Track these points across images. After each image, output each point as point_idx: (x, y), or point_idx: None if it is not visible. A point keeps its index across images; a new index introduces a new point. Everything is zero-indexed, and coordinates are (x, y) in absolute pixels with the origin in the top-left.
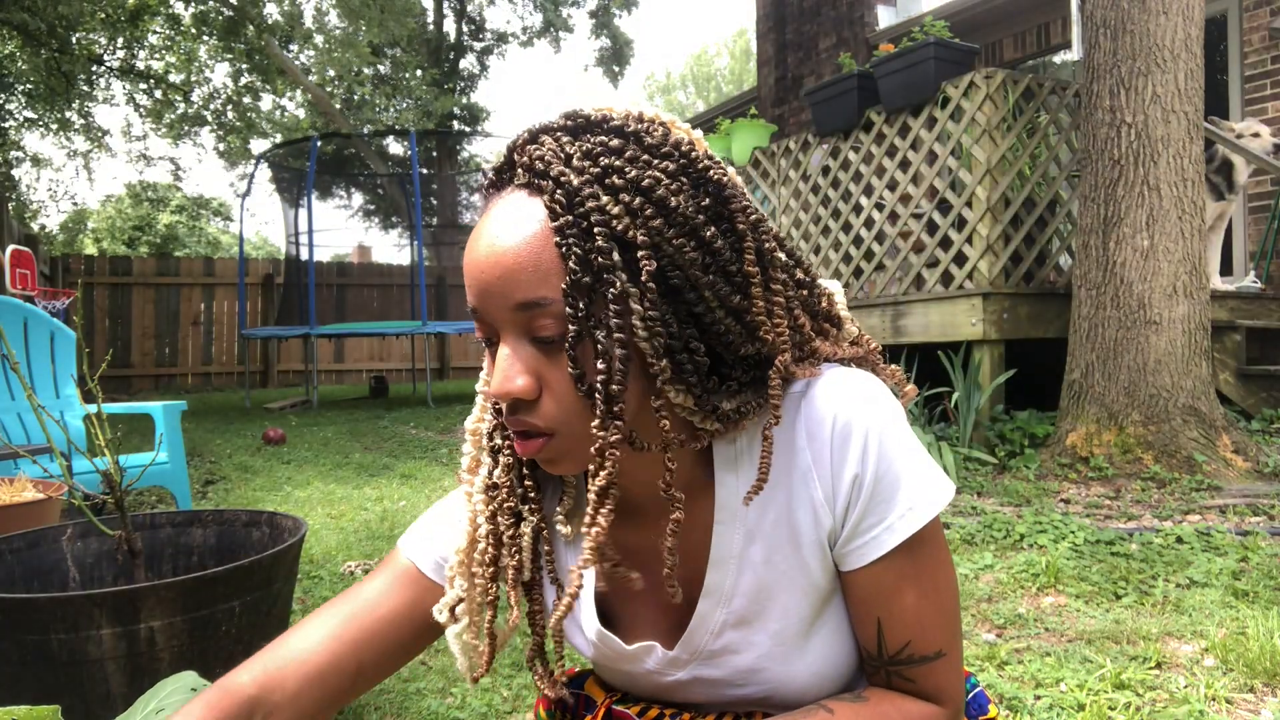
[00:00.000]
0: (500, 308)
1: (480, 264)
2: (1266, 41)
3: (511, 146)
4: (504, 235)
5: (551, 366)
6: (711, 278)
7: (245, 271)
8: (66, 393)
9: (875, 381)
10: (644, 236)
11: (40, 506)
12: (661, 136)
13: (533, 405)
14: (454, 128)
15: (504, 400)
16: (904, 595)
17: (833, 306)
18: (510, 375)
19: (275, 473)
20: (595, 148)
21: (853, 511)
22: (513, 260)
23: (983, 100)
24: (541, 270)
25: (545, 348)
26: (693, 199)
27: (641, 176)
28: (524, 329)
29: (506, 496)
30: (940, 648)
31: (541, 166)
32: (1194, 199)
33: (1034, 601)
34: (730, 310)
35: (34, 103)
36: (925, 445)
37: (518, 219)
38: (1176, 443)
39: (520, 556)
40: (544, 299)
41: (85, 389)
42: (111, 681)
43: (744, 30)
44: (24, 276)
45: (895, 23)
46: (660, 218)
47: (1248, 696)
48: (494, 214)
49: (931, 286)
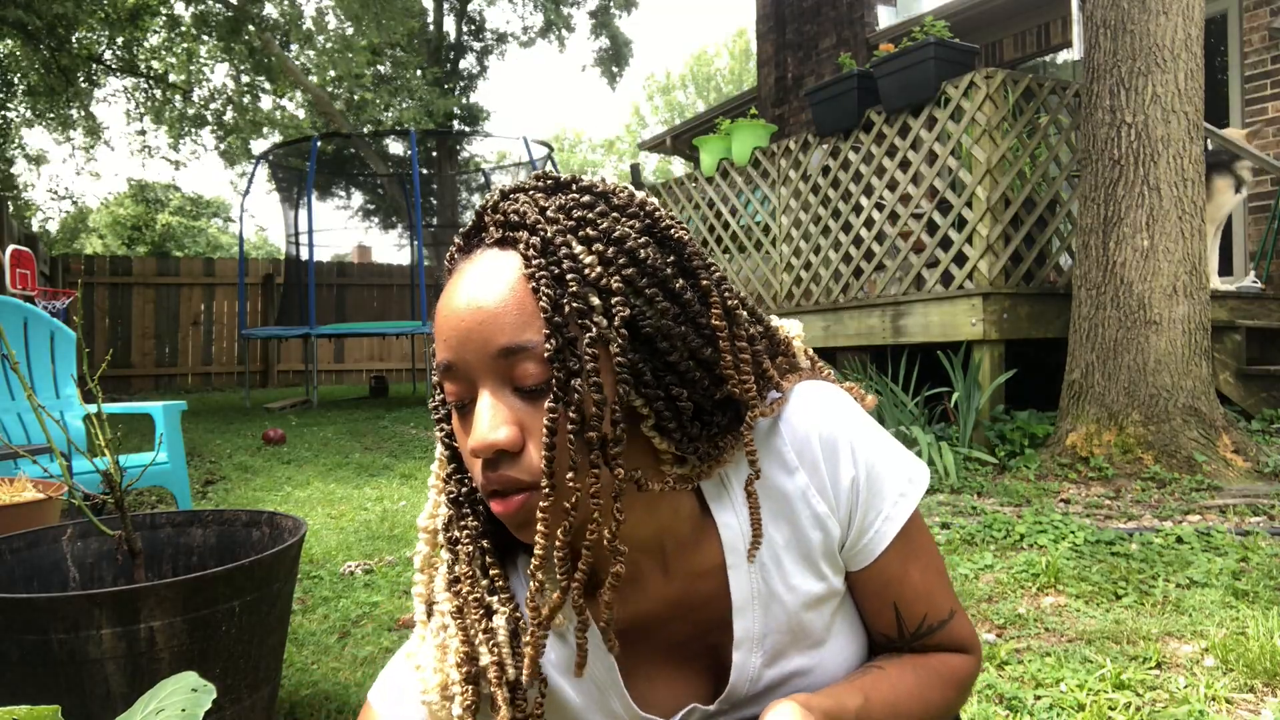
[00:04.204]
0: (480, 356)
1: (459, 313)
2: (1266, 41)
3: (482, 209)
4: (482, 285)
5: (534, 415)
6: (683, 329)
7: (245, 271)
8: (66, 393)
9: (834, 388)
10: (618, 283)
11: (40, 506)
12: (628, 198)
13: (515, 458)
14: (454, 128)
15: (486, 453)
16: (911, 575)
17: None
18: (493, 425)
19: (275, 473)
20: (568, 202)
21: (855, 514)
22: (494, 305)
23: (983, 100)
24: (524, 315)
25: (527, 397)
26: (660, 254)
27: (613, 228)
28: (505, 378)
29: (471, 588)
30: (949, 607)
31: (516, 219)
32: (1194, 199)
33: (1034, 601)
34: (700, 362)
35: (34, 100)
36: (925, 445)
37: (494, 270)
38: (1176, 443)
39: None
40: (528, 342)
41: (85, 389)
42: (111, 681)
43: (744, 30)
44: (24, 276)
45: (895, 23)
46: (633, 267)
47: (1248, 696)
48: (468, 272)
49: (931, 286)
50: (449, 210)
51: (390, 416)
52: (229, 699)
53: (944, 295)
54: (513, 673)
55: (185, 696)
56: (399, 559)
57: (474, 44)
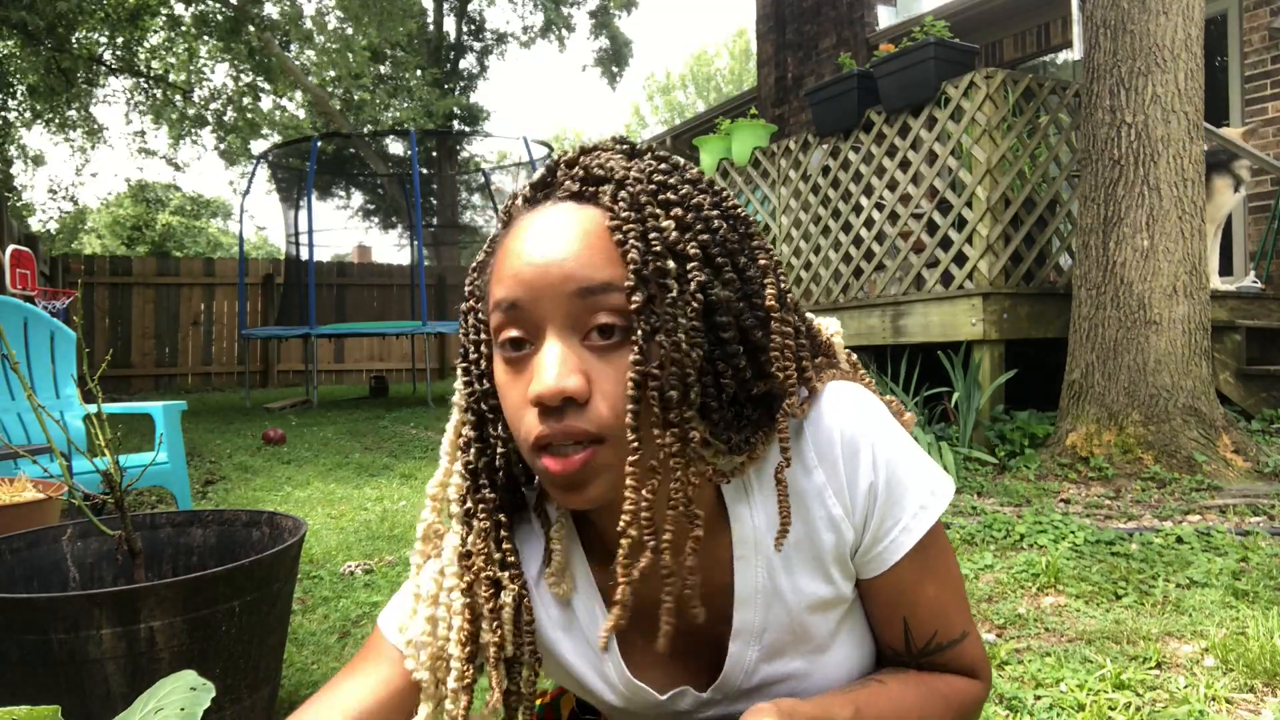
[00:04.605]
0: (556, 296)
1: (537, 251)
2: (1266, 41)
3: (555, 163)
4: (563, 229)
5: (602, 368)
6: (741, 305)
7: (245, 271)
8: (66, 393)
9: (866, 392)
10: (695, 249)
11: (40, 506)
12: (698, 173)
13: (580, 410)
14: (454, 128)
15: (554, 400)
16: (924, 590)
17: (830, 348)
18: (564, 372)
19: (275, 473)
20: (647, 167)
21: (871, 520)
22: (577, 247)
23: (983, 100)
24: (605, 261)
25: (597, 349)
26: (729, 227)
27: (691, 196)
28: (578, 323)
29: (484, 564)
30: (963, 629)
31: (601, 173)
32: (1194, 199)
33: (1034, 601)
34: (749, 344)
35: (34, 100)
36: (925, 445)
37: (574, 218)
38: (1176, 443)
39: (502, 631)
40: (610, 282)
41: (85, 389)
42: (111, 681)
43: (744, 30)
44: (24, 276)
45: (895, 23)
46: (707, 234)
47: (1248, 696)
48: (543, 215)
49: (931, 286)
50: (449, 210)
51: (390, 416)
52: (229, 699)
53: (944, 295)
54: (511, 650)
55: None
56: (399, 559)
57: (474, 44)
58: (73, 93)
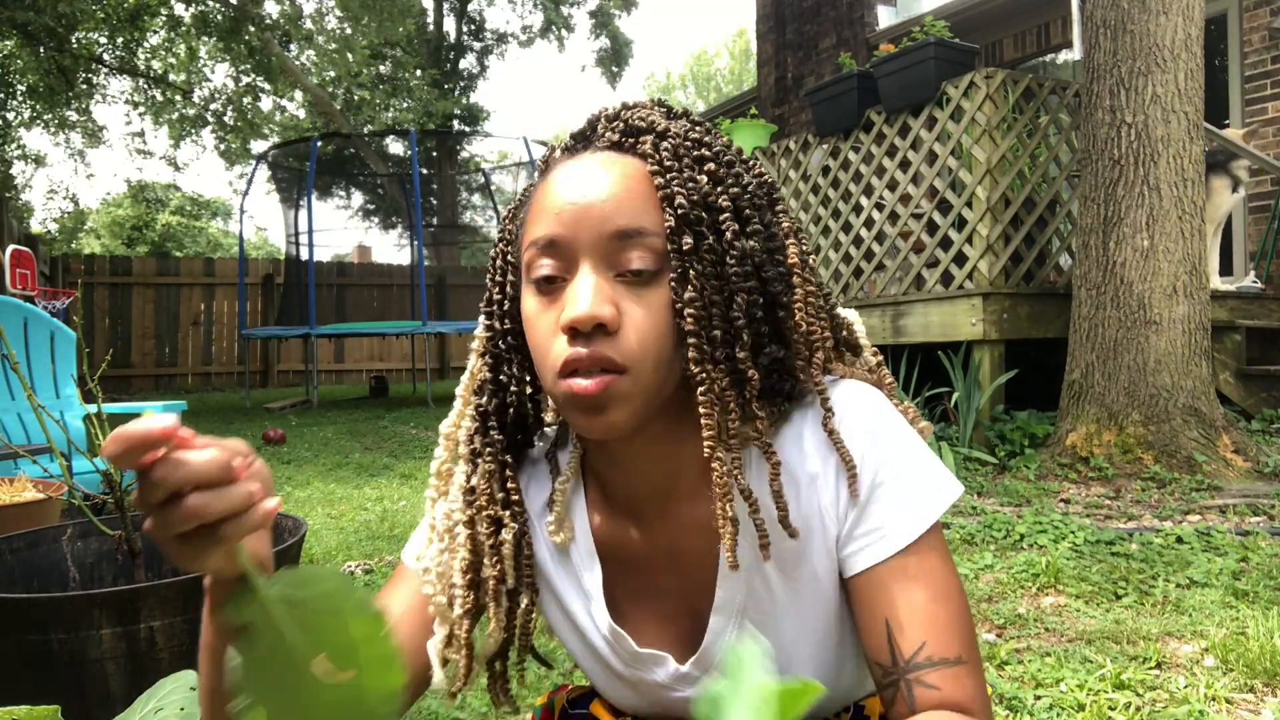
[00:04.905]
0: (595, 235)
1: (578, 191)
2: (1266, 41)
3: (597, 116)
4: (604, 173)
5: (633, 303)
6: (764, 259)
7: (245, 271)
8: (66, 393)
9: (878, 393)
10: (726, 202)
11: (40, 506)
12: (729, 141)
13: (609, 338)
14: (454, 128)
15: (586, 326)
16: (913, 594)
17: (852, 334)
18: (598, 301)
19: (275, 473)
20: (684, 126)
21: (860, 511)
22: (618, 190)
23: (983, 100)
24: (644, 202)
25: (630, 284)
26: (757, 186)
27: (724, 154)
28: (611, 261)
29: (486, 503)
30: (960, 653)
31: (643, 124)
32: (1194, 199)
33: (1034, 601)
34: (769, 302)
35: (34, 101)
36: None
37: (614, 164)
38: (1176, 443)
39: (502, 565)
40: (645, 229)
41: (85, 389)
42: (111, 681)
43: (744, 30)
44: (24, 276)
45: (895, 23)
46: (738, 189)
47: (1248, 696)
48: (584, 162)
49: (931, 286)
50: (449, 210)
51: (390, 416)
52: None
53: (944, 295)
54: (511, 583)
55: (184, 695)
56: (399, 559)
57: (474, 44)
58: (73, 93)
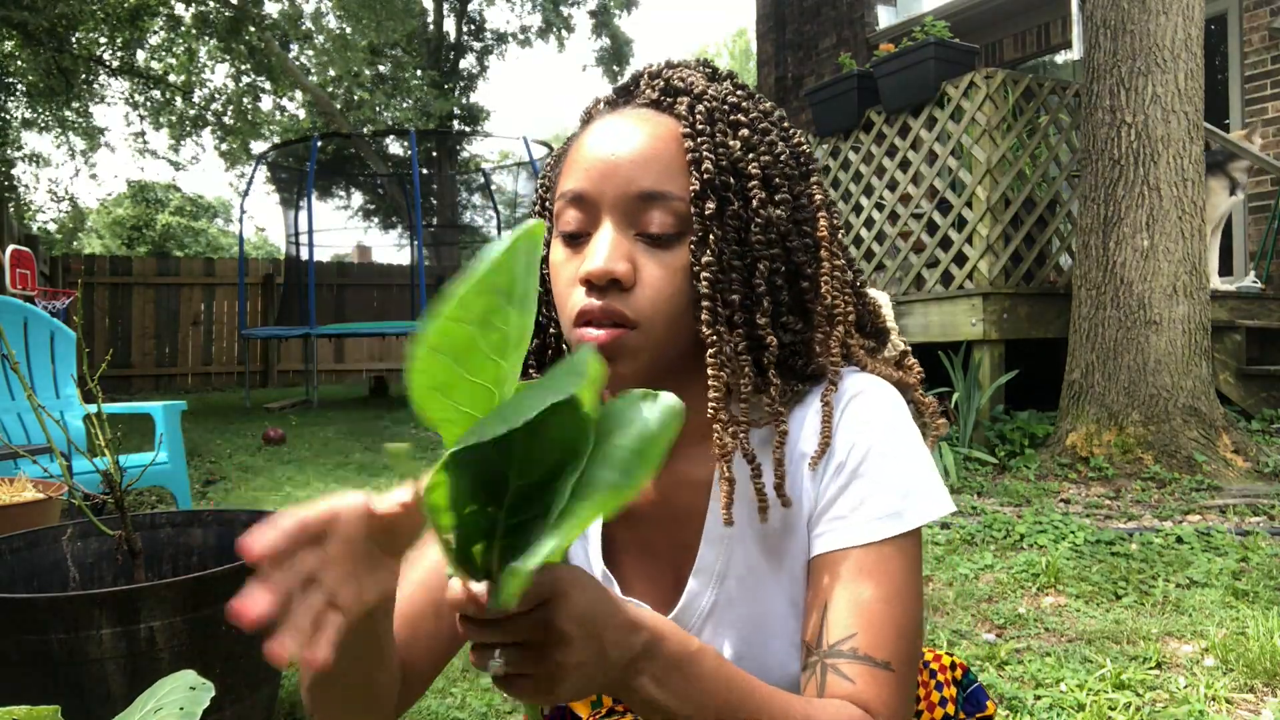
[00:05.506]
0: (619, 193)
1: (608, 148)
2: (1266, 41)
3: (640, 73)
4: (637, 131)
5: (650, 262)
6: (790, 229)
7: (245, 271)
8: (66, 393)
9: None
10: (756, 169)
11: (40, 506)
12: (771, 105)
13: (623, 294)
14: (454, 128)
15: (601, 280)
16: (861, 588)
17: (879, 317)
18: (615, 256)
19: (275, 473)
20: (724, 90)
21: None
22: (646, 151)
23: (983, 100)
24: (672, 167)
25: (649, 243)
26: (791, 157)
27: (760, 120)
28: (632, 221)
29: None
30: (889, 659)
31: (681, 85)
32: (1194, 199)
33: (1034, 601)
34: (793, 272)
35: (34, 101)
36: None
37: (648, 123)
38: (1176, 443)
39: None
40: (669, 192)
41: (85, 389)
42: (111, 681)
43: (744, 30)
44: (24, 276)
45: (895, 23)
46: (769, 157)
47: (1248, 696)
48: (620, 117)
49: (931, 286)
50: (449, 210)
51: (390, 416)
52: (229, 699)
53: (944, 295)
54: None
55: (184, 695)
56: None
57: (474, 44)
58: (73, 94)
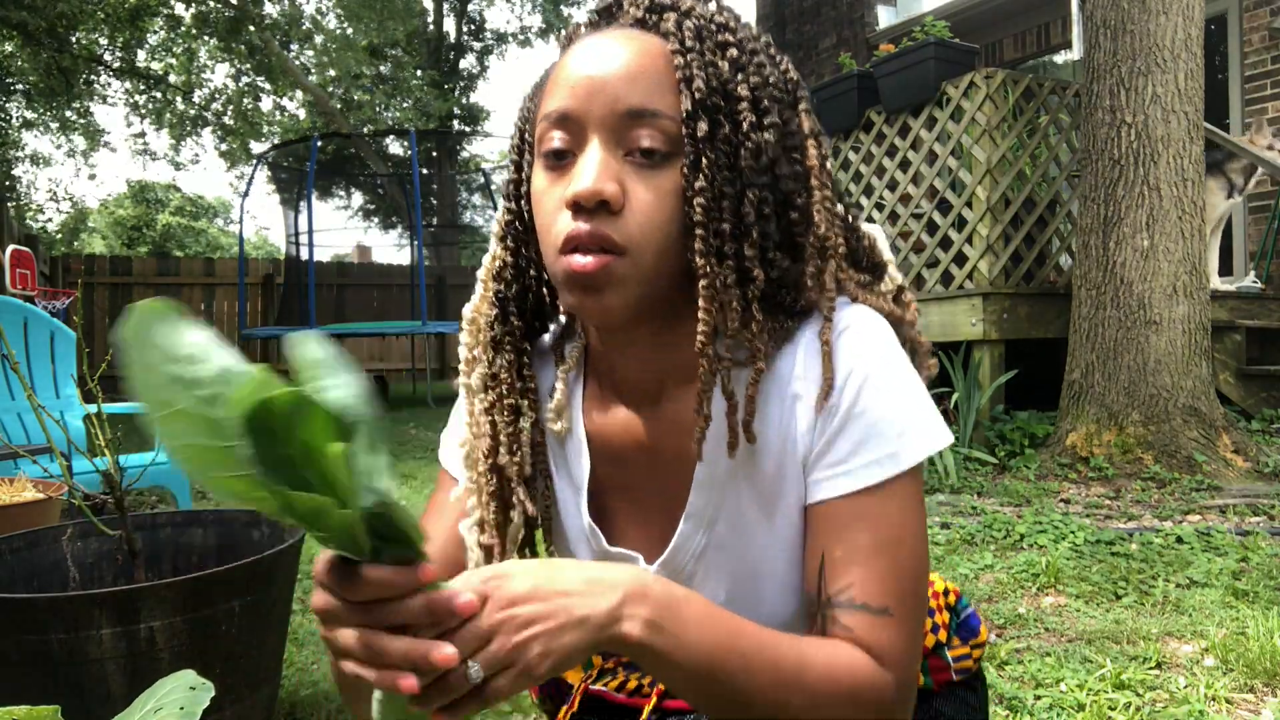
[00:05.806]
0: (606, 111)
1: (594, 65)
2: (1266, 41)
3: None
4: (623, 48)
5: (639, 185)
6: (780, 157)
7: (245, 271)
8: (66, 393)
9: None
10: (745, 91)
11: (40, 506)
12: (760, 31)
13: (611, 218)
14: (454, 128)
15: (589, 201)
16: (859, 535)
17: (875, 251)
18: (602, 177)
19: None
20: (711, 10)
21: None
22: (634, 67)
23: (983, 100)
24: (661, 83)
25: (638, 165)
26: (781, 80)
27: (748, 43)
28: (620, 141)
29: (506, 392)
30: (887, 605)
31: (669, 2)
32: (1194, 199)
33: (1034, 601)
34: (781, 201)
35: (34, 102)
36: None
37: (634, 41)
38: (1176, 443)
39: (521, 453)
40: (659, 110)
41: (85, 389)
42: (111, 681)
43: None
44: (24, 276)
45: (895, 23)
46: (758, 77)
47: (1248, 696)
48: (605, 36)
49: (931, 286)
50: (449, 210)
51: (390, 416)
52: (229, 699)
53: (944, 295)
54: (529, 470)
55: (184, 695)
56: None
57: (474, 44)
58: (73, 94)
